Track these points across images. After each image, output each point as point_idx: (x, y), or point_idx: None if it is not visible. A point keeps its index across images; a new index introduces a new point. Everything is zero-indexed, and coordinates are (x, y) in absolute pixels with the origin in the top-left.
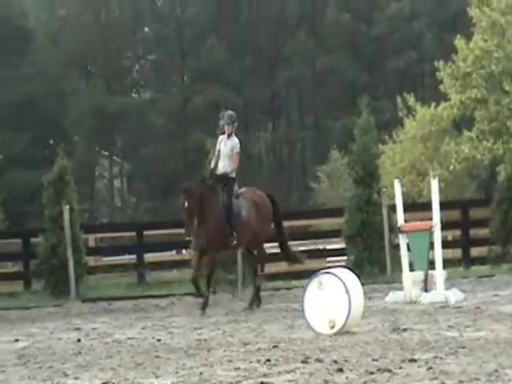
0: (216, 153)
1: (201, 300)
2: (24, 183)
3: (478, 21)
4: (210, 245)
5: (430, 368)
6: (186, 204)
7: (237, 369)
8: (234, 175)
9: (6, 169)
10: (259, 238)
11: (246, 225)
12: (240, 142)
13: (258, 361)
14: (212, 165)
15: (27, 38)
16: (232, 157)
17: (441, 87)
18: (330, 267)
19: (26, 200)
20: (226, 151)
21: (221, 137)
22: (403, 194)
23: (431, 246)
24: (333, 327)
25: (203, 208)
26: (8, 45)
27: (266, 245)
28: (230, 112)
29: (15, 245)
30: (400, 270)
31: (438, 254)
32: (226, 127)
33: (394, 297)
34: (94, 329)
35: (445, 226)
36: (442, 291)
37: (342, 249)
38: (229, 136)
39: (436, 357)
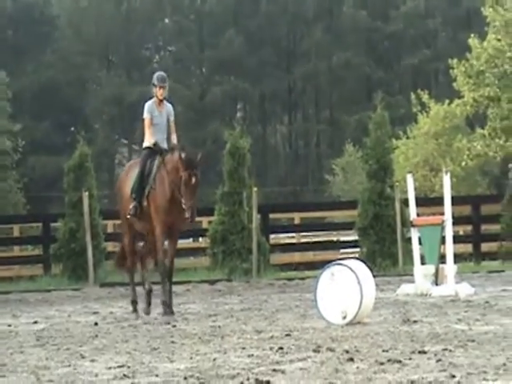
0: (147, 122)
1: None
2: (45, 169)
3: (491, 20)
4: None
5: (439, 360)
6: (194, 180)
7: (250, 356)
8: None
9: (27, 155)
10: None
11: None
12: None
13: (271, 348)
14: (151, 139)
15: (50, 25)
16: (170, 127)
17: (454, 85)
18: (342, 259)
19: (47, 185)
20: (161, 121)
21: (149, 102)
22: (416, 189)
23: (443, 240)
24: (344, 317)
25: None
26: (31, 32)
27: None
28: (161, 72)
29: (35, 229)
30: (412, 263)
31: (449, 248)
32: (160, 90)
33: (405, 289)
34: (111, 313)
35: (456, 221)
36: (453, 285)
37: (355, 241)
38: (160, 102)
39: (445, 349)
